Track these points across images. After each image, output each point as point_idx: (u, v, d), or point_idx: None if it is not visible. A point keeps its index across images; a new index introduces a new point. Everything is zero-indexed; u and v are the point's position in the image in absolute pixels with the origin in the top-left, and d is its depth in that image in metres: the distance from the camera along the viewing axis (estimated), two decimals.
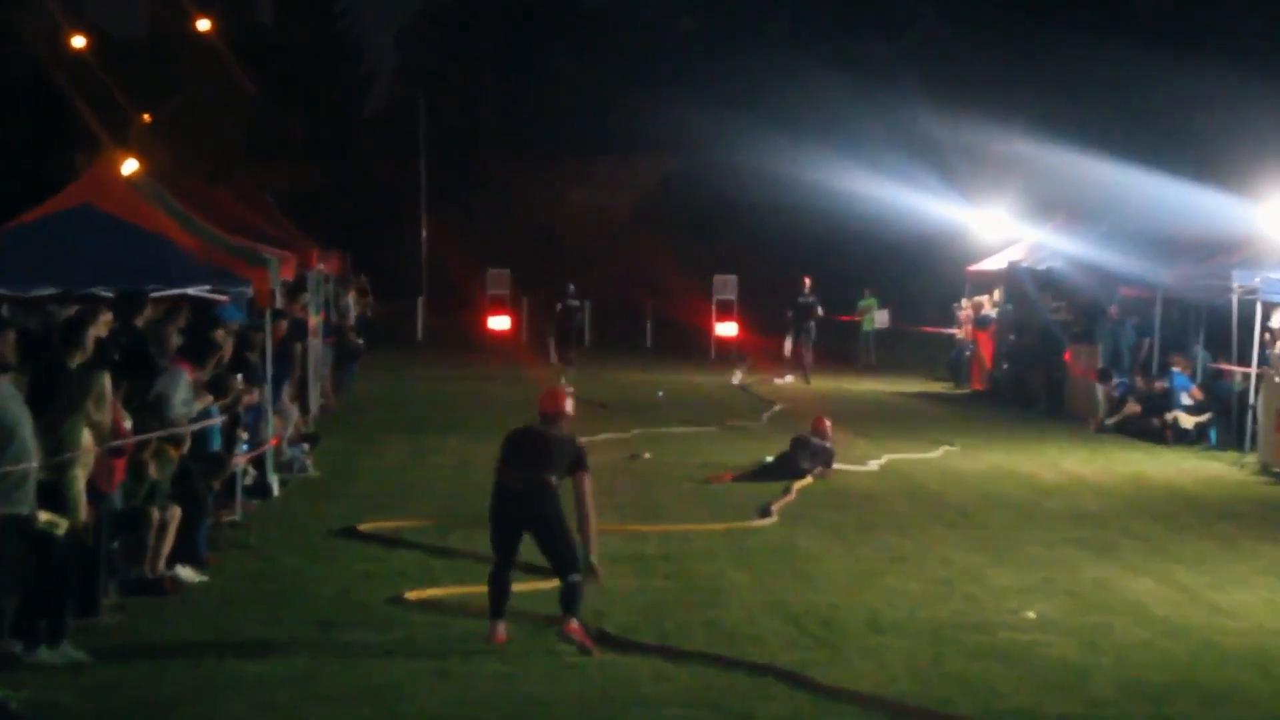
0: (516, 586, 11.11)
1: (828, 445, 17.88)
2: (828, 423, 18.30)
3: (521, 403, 27.07)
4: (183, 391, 12.54)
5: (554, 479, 9.81)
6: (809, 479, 17.25)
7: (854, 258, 44.57)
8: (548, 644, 9.66)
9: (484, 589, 10.89)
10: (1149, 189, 28.24)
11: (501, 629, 9.84)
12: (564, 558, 9.78)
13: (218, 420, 13.22)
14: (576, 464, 9.92)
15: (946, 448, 20.58)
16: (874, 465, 18.81)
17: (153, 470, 11.26)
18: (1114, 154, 32.37)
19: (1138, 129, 39.44)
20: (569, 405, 10.16)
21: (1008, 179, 36.81)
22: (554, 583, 11.48)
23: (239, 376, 14.31)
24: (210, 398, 13.17)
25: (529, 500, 9.76)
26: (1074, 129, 38.04)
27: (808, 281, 32.70)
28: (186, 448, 11.84)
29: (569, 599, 9.74)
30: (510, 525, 9.86)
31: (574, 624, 9.72)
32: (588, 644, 9.55)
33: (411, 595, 10.87)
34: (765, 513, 14.99)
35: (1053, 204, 31.65)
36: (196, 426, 12.50)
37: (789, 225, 48.35)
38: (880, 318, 36.81)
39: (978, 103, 42.03)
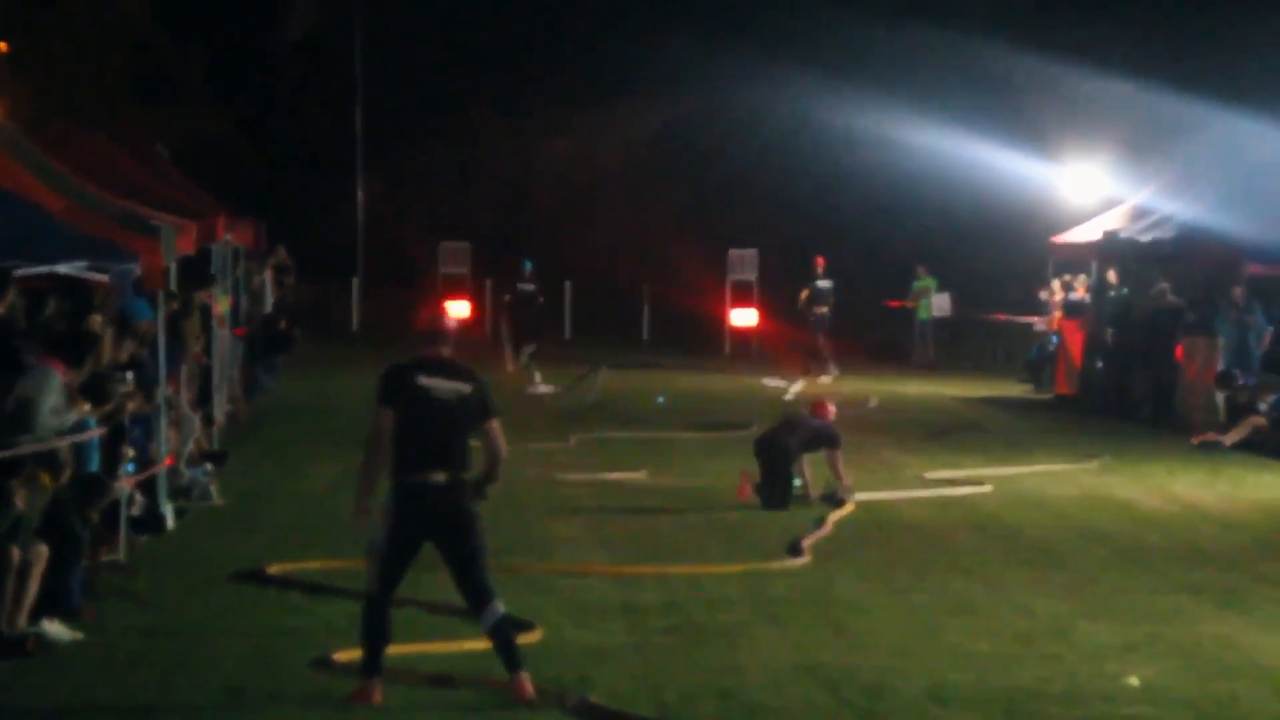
0: (476, 644, 11.05)
1: (829, 423, 18.00)
2: (831, 406, 18.50)
3: None
4: (54, 397, 12.46)
5: (468, 474, 9.93)
6: (848, 506, 17.29)
7: (907, 228, 44.59)
8: (517, 715, 9.59)
9: (436, 647, 10.83)
10: None
11: (378, 689, 9.86)
12: (486, 578, 9.93)
13: (95, 433, 13.14)
14: (484, 413, 10.02)
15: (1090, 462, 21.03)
16: (986, 487, 19.07)
17: (20, 500, 11.18)
18: (1237, 97, 32.33)
19: (1266, 65, 39.40)
20: (451, 320, 10.26)
21: (1101, 127, 36.78)
22: (534, 636, 11.47)
23: (129, 376, 14.24)
24: (87, 405, 13.10)
25: (449, 498, 9.80)
26: (1184, 64, 38.03)
27: (821, 262, 33.32)
28: (67, 476, 11.76)
29: (509, 642, 9.89)
30: (415, 534, 9.87)
31: (527, 681, 9.82)
32: (530, 692, 9.78)
33: (341, 656, 10.81)
34: (795, 550, 14.96)
35: (1159, 158, 31.62)
36: (69, 440, 12.43)
37: (823, 188, 48.37)
38: (939, 303, 36.85)
39: (1062, 33, 42.02)
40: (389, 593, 9.99)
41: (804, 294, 33.94)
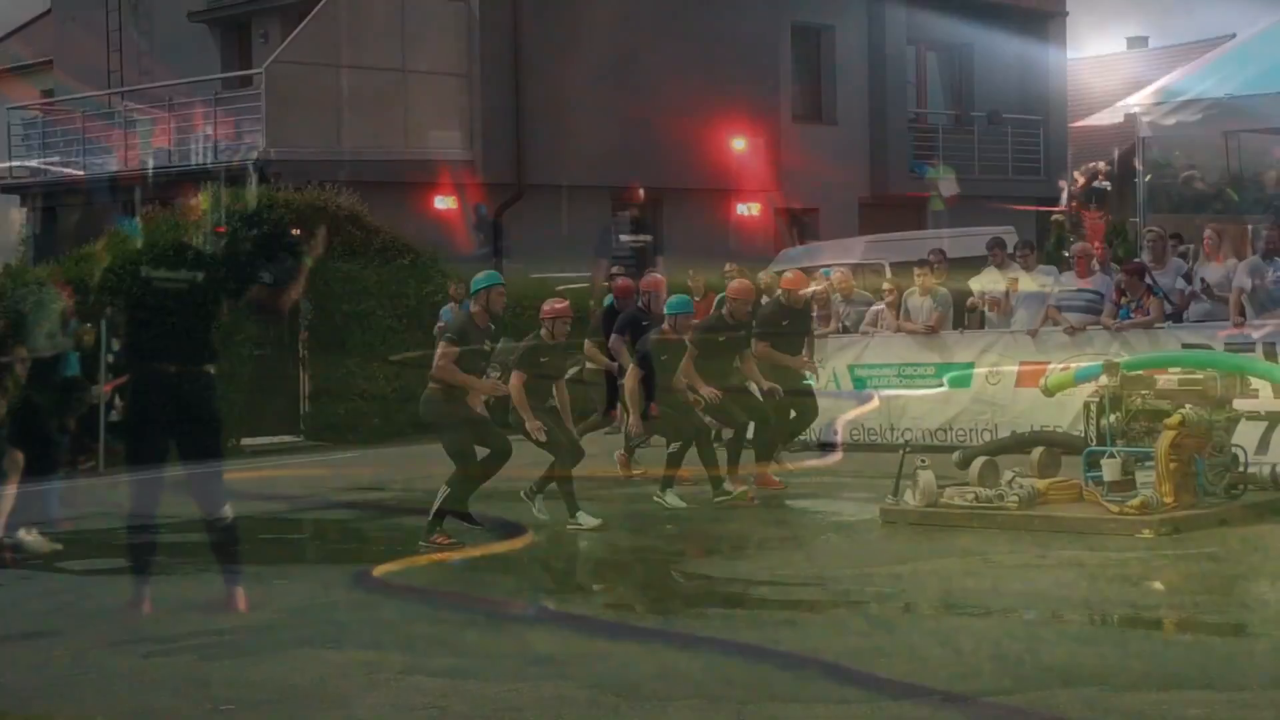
0: (474, 551, 11.13)
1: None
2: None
3: None
4: (52, 321, 12.46)
5: (213, 367, 10.00)
6: (874, 403, 17.27)
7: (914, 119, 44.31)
8: (515, 630, 9.66)
9: (447, 555, 10.93)
10: None
11: (147, 599, 9.93)
12: (219, 480, 9.92)
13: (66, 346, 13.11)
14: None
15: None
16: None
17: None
18: None
19: None
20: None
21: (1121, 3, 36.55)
22: (521, 541, 11.56)
23: None
24: (90, 328, 13.10)
25: (190, 390, 9.83)
26: None
27: None
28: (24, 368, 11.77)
29: (232, 551, 9.92)
30: (162, 430, 9.87)
31: (241, 596, 9.90)
32: (240, 605, 9.85)
33: (379, 570, 10.81)
34: (831, 445, 15.08)
35: (1188, 35, 31.48)
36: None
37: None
38: (946, 186, 36.70)
39: None
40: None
41: None
